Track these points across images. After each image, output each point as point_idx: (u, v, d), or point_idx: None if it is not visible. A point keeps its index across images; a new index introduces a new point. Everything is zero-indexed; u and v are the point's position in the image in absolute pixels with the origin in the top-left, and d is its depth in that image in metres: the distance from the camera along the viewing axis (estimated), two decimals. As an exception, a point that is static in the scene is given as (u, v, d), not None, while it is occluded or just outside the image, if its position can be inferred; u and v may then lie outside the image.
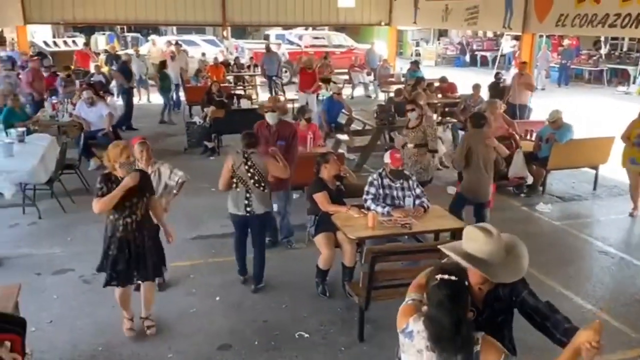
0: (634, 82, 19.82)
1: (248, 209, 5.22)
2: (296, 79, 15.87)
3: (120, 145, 4.33)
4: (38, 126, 9.37)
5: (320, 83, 13.29)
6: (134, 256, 4.40)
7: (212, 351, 4.49)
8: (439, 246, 2.77)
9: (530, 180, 8.41)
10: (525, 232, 6.46)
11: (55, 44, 20.85)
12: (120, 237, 4.38)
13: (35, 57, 13.33)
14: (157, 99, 13.89)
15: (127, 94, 12.94)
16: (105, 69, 16.10)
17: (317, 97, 13.37)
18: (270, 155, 5.56)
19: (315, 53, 19.51)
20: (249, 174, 5.17)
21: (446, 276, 2.30)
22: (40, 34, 22.04)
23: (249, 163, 5.17)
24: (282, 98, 6.07)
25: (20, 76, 12.58)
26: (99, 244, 6.54)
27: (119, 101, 13.35)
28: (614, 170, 8.20)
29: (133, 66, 14.17)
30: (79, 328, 4.73)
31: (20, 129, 8.00)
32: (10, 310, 4.18)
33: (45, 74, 13.07)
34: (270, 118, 6.20)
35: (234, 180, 5.18)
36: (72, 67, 15.20)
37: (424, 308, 2.38)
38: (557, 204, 8.01)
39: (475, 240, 2.53)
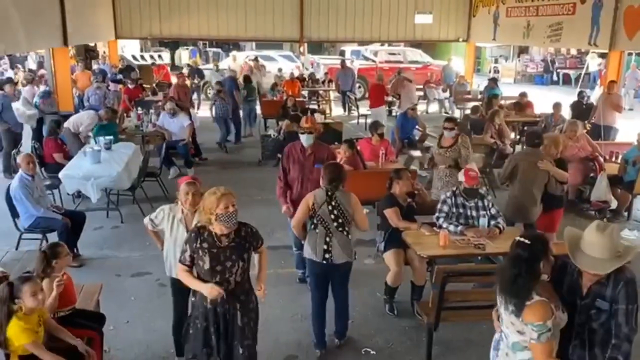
0: None
1: (327, 255, 4.42)
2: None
3: (219, 192, 3.42)
4: (124, 135, 9.89)
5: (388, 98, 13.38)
6: (221, 335, 3.52)
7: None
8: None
9: (614, 204, 7.96)
10: None
11: (142, 57, 22.04)
12: (206, 309, 3.50)
13: (180, 74, 13.74)
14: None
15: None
16: (187, 82, 16.78)
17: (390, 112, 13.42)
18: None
19: (389, 69, 19.49)
20: (332, 216, 4.42)
21: (522, 239, 2.82)
22: (129, 48, 23.36)
23: (334, 202, 4.44)
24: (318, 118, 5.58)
25: (109, 87, 13.37)
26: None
27: (199, 113, 13.86)
28: None
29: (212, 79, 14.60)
30: (154, 329, 4.92)
31: (108, 138, 8.46)
32: (92, 308, 4.43)
33: (131, 86, 13.83)
34: (306, 140, 5.55)
35: (314, 221, 4.49)
36: (156, 79, 16.04)
37: None
38: (642, 231, 7.53)
39: (588, 231, 2.85)
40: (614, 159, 8.67)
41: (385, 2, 17.80)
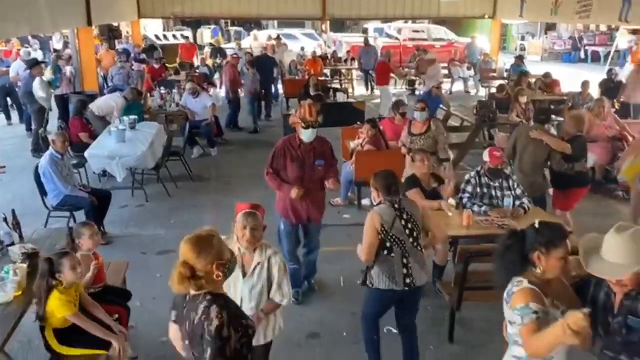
0: None
1: (407, 280, 3.74)
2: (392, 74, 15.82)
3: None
4: (148, 115, 9.97)
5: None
6: None
7: (302, 339, 4.58)
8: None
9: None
10: None
11: (165, 37, 22.09)
12: None
13: (235, 55, 13.63)
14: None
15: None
16: (209, 62, 16.81)
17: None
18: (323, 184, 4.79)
19: (413, 47, 19.24)
20: (407, 231, 3.76)
21: (537, 221, 2.67)
22: (151, 28, 23.42)
23: (405, 215, 3.79)
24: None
25: (133, 67, 13.45)
26: (199, 226, 6.90)
27: (221, 92, 13.87)
28: None
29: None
30: (178, 306, 4.99)
31: (132, 117, 8.53)
32: (119, 284, 4.53)
33: (155, 66, 13.89)
34: (308, 135, 4.79)
35: (387, 244, 3.76)
36: (178, 59, 16.06)
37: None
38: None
39: (608, 234, 2.53)
40: (643, 138, 8.46)
41: (409, -22, 17.51)
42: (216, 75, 16.77)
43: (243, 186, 7.97)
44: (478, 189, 5.24)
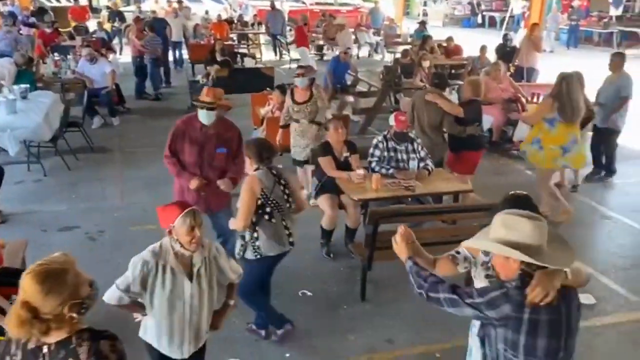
0: (644, 46, 19.50)
1: (291, 239, 3.90)
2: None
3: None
4: (41, 83, 9.30)
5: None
6: None
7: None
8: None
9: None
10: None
11: (57, -1, 20.51)
12: None
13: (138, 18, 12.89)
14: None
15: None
16: (107, 26, 15.88)
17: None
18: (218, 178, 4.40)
19: (319, 11, 19.19)
20: (285, 197, 3.84)
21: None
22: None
23: (283, 181, 3.84)
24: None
25: (21, 32, 12.43)
26: (103, 201, 6.64)
27: (121, 58, 13.22)
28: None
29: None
30: (86, 284, 4.80)
31: (23, 86, 7.93)
32: (18, 265, 4.25)
33: (47, 30, 12.91)
34: (206, 117, 4.34)
35: (268, 209, 3.78)
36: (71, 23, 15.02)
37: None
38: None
39: (519, 229, 2.18)
40: (535, 99, 9.03)
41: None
42: (115, 40, 15.89)
43: (148, 157, 7.69)
44: (385, 153, 5.39)
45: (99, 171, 7.59)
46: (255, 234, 3.76)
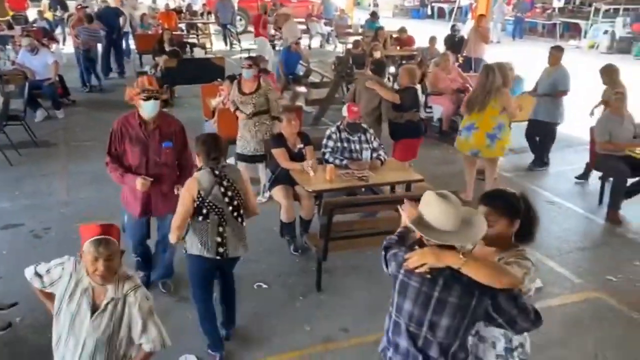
0: (584, 37, 20.23)
1: (221, 249, 3.61)
2: (251, 28, 15.76)
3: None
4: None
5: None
6: None
7: (171, 303, 4.48)
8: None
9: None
10: (477, 184, 6.63)
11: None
12: None
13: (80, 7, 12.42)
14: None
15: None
16: (48, 15, 15.28)
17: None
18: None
19: (270, 1, 18.98)
20: (227, 199, 3.58)
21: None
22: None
23: (225, 182, 3.59)
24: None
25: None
26: (48, 197, 6.40)
27: (64, 49, 12.78)
28: (565, 125, 8.42)
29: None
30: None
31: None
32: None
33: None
34: (151, 109, 4.05)
35: (204, 211, 3.55)
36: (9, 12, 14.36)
37: None
38: (508, 156, 8.19)
39: (431, 205, 2.33)
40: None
41: None
42: (58, 30, 15.30)
43: (95, 150, 7.44)
44: (339, 144, 5.41)
45: (44, 166, 7.32)
46: (186, 227, 3.59)
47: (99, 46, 11.98)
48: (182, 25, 16.01)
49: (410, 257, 2.29)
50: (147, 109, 4.04)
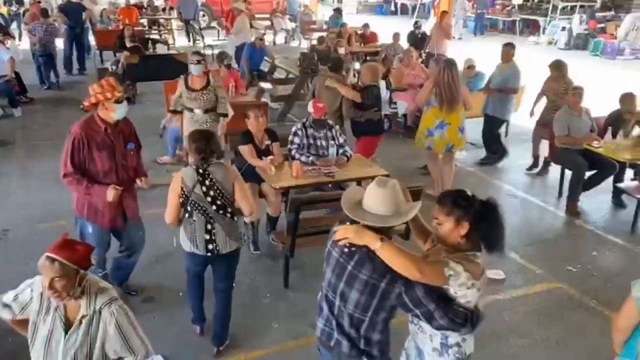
0: (543, 33, 20.73)
1: (210, 246, 3.64)
2: (214, 24, 15.56)
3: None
4: None
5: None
6: None
7: (137, 303, 4.41)
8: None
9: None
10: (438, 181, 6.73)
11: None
12: None
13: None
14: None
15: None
16: (4, 10, 14.82)
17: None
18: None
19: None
20: (209, 198, 3.58)
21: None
22: None
23: (207, 182, 3.58)
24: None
25: None
26: (7, 197, 6.21)
27: (20, 45, 12.41)
28: (522, 117, 8.59)
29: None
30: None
31: None
32: None
33: None
34: (122, 111, 3.92)
35: (188, 208, 3.62)
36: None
37: None
38: (471, 151, 8.34)
39: (369, 190, 2.51)
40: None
41: None
42: (14, 26, 14.84)
43: (55, 150, 7.24)
44: (305, 140, 5.41)
45: (1, 166, 7.10)
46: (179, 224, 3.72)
47: (58, 42, 11.66)
48: (144, 21, 15.74)
49: (337, 230, 2.51)
50: (120, 112, 3.89)
